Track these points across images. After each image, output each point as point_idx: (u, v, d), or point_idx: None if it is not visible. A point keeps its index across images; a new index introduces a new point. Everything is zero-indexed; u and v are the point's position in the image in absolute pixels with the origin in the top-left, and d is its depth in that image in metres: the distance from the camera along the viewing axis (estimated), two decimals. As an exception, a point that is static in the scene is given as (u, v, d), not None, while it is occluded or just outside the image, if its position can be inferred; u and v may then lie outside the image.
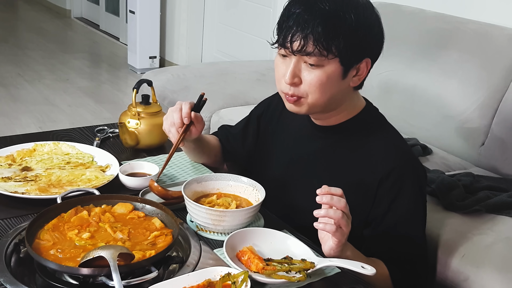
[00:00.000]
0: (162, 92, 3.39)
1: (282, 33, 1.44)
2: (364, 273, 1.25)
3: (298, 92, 1.47)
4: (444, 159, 2.57)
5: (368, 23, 1.46)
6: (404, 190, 1.51)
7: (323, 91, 1.46)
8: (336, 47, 1.40)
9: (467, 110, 2.57)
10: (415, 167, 1.56)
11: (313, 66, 1.43)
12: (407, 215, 1.52)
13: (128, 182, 1.67)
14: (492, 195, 2.11)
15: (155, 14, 5.92)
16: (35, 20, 8.49)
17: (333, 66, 1.43)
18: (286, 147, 1.72)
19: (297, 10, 1.42)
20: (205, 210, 1.43)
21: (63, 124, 4.49)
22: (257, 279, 1.25)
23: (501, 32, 2.64)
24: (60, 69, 6.08)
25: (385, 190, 1.51)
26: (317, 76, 1.44)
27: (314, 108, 1.51)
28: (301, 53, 1.42)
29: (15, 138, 1.96)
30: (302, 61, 1.44)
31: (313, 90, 1.45)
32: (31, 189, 1.60)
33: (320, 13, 1.39)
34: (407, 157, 1.57)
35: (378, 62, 1.58)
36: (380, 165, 1.52)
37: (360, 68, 1.50)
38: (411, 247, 1.53)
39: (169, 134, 1.69)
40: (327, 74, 1.44)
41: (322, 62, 1.42)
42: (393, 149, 1.55)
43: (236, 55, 5.11)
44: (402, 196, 1.51)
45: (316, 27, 1.38)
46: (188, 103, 1.66)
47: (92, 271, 1.18)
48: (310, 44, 1.40)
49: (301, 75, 1.46)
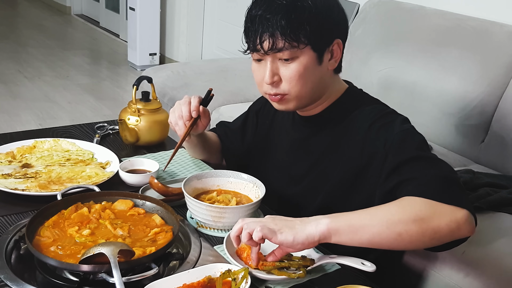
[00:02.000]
0: (162, 89, 3.39)
1: (251, 38, 1.46)
2: (364, 269, 1.25)
3: (280, 91, 1.49)
4: (444, 156, 2.57)
5: (327, 5, 1.48)
6: (389, 128, 1.44)
7: (303, 82, 1.47)
8: (304, 35, 1.42)
9: (467, 107, 2.57)
10: (391, 111, 1.52)
11: (288, 60, 1.45)
12: (405, 143, 1.40)
13: (128, 179, 1.67)
14: (492, 192, 2.11)
15: (155, 11, 5.93)
16: (35, 17, 8.50)
17: (307, 55, 1.45)
18: (282, 140, 1.73)
19: (258, 12, 1.44)
20: (205, 207, 1.43)
21: (63, 121, 4.50)
22: (257, 276, 1.25)
23: (501, 29, 2.64)
24: (60, 66, 6.08)
25: (373, 139, 1.45)
26: (295, 69, 1.45)
27: (301, 101, 1.52)
28: (273, 51, 1.43)
29: (15, 135, 1.96)
30: (276, 59, 1.46)
31: (294, 83, 1.47)
32: (31, 186, 1.60)
33: (280, 9, 1.42)
34: (383, 107, 1.54)
35: (377, 59, 1.59)
36: (361, 125, 1.49)
37: (334, 50, 1.51)
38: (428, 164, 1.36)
39: (175, 127, 1.69)
40: (303, 64, 1.45)
41: (296, 54, 1.44)
42: (369, 111, 1.52)
43: (236, 52, 5.09)
44: (392, 133, 1.43)
45: (280, 22, 1.41)
46: (197, 97, 1.67)
47: (92, 268, 1.18)
48: (279, 40, 1.42)
49: (279, 73, 1.47)
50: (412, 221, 1.21)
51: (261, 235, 1.21)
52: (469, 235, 1.26)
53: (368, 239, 1.23)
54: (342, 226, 1.23)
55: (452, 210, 1.23)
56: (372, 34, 3.13)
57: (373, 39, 3.09)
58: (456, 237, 1.25)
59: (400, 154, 1.38)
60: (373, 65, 2.94)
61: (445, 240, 1.25)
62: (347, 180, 1.50)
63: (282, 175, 1.69)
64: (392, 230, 1.21)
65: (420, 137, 1.44)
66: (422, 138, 1.44)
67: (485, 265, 1.77)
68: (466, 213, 1.23)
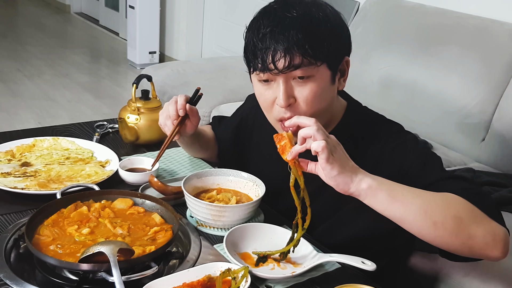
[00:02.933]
0: (161, 88, 3.39)
1: (259, 58, 1.33)
2: (365, 268, 1.25)
3: (295, 113, 1.35)
4: (445, 155, 2.57)
5: (338, 20, 1.39)
6: (403, 151, 1.39)
7: (318, 102, 1.36)
8: (322, 51, 1.31)
9: (467, 106, 2.57)
10: (401, 133, 1.46)
11: (304, 78, 1.33)
12: (423, 167, 1.36)
13: (128, 178, 1.66)
14: (493, 191, 2.11)
15: (155, 9, 5.92)
16: (35, 15, 8.49)
17: (323, 73, 1.35)
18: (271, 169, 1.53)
19: (267, 29, 1.32)
20: (205, 206, 1.43)
21: (62, 119, 4.50)
22: (257, 275, 1.25)
23: (501, 28, 2.64)
24: (60, 64, 6.08)
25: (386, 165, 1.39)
26: (311, 89, 1.34)
27: None
28: (289, 69, 1.31)
29: (14, 134, 1.95)
30: (290, 78, 1.34)
31: (311, 105, 1.35)
32: (31, 184, 1.59)
33: (294, 22, 1.31)
34: (391, 128, 1.46)
35: (378, 58, 1.58)
36: (373, 155, 1.42)
37: (343, 69, 1.43)
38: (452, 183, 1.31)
39: (164, 128, 1.66)
40: (319, 83, 1.34)
41: (312, 72, 1.33)
42: (377, 132, 1.45)
43: (236, 50, 5.10)
44: (406, 160, 1.38)
45: (296, 36, 1.29)
46: (184, 96, 1.63)
47: (92, 267, 1.18)
48: (296, 56, 1.30)
49: (294, 93, 1.35)
50: (451, 216, 1.19)
51: (320, 150, 1.15)
52: (501, 256, 1.21)
53: (401, 215, 1.20)
54: (382, 193, 1.20)
55: (493, 224, 1.20)
56: (373, 33, 3.12)
57: (373, 38, 3.09)
58: (488, 252, 1.20)
59: (427, 177, 1.32)
60: (373, 64, 2.93)
61: (476, 250, 1.20)
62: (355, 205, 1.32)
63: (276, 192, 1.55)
64: (429, 216, 1.19)
65: (439, 159, 1.40)
66: (440, 161, 1.39)
67: (485, 264, 1.77)
68: (505, 232, 1.21)
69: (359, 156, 1.32)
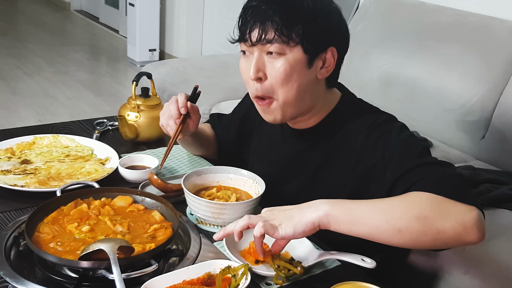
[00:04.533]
0: (161, 85, 3.39)
1: (241, 28, 1.44)
2: (364, 266, 1.25)
3: (265, 90, 1.43)
4: (445, 152, 2.57)
5: (327, 11, 1.43)
6: (387, 139, 1.40)
7: (290, 83, 1.40)
8: (297, 34, 1.37)
9: (467, 103, 2.57)
10: (387, 117, 1.47)
11: (275, 54, 1.39)
12: (405, 153, 1.36)
13: (128, 175, 1.66)
14: (493, 188, 2.11)
15: (155, 7, 5.92)
16: (35, 13, 8.49)
17: (295, 53, 1.39)
18: (270, 157, 1.69)
19: (254, 3, 1.41)
20: (205, 203, 1.43)
21: (62, 117, 4.49)
22: (257, 272, 1.25)
23: (501, 25, 2.64)
24: (60, 62, 6.08)
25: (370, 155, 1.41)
26: (281, 65, 1.39)
27: (287, 109, 1.45)
28: (261, 42, 1.39)
29: (14, 131, 1.95)
30: (263, 53, 1.41)
31: (280, 83, 1.40)
32: (31, 182, 1.60)
33: (277, 1, 1.39)
34: (378, 118, 1.47)
35: (378, 55, 1.57)
36: (357, 139, 1.45)
37: (326, 59, 1.44)
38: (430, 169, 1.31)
39: (167, 127, 1.68)
40: (290, 62, 1.39)
41: (284, 50, 1.38)
42: (363, 121, 1.47)
43: (236, 48, 5.09)
44: (389, 144, 1.39)
45: (274, 15, 1.37)
46: (184, 94, 1.66)
47: (92, 264, 1.18)
48: (270, 32, 1.37)
49: (265, 69, 1.41)
50: (414, 218, 1.18)
51: (263, 231, 1.19)
52: (478, 240, 1.19)
53: (366, 231, 1.20)
54: (342, 215, 1.20)
55: (462, 210, 1.19)
56: (372, 30, 3.12)
57: (373, 35, 3.08)
58: (462, 242, 1.19)
59: (402, 166, 1.33)
60: (373, 61, 2.93)
61: (450, 243, 1.20)
62: (344, 196, 1.35)
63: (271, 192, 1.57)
64: (392, 225, 1.18)
65: (421, 145, 1.39)
66: (423, 146, 1.39)
67: (485, 261, 1.77)
68: (476, 215, 1.18)
69: (347, 145, 1.44)
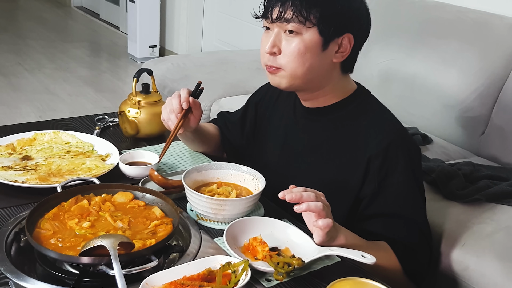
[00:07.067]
0: (162, 81, 3.39)
1: (265, 5, 1.52)
2: (364, 262, 1.25)
3: (276, 63, 1.51)
4: (444, 148, 2.58)
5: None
6: (394, 169, 1.49)
7: (301, 61, 1.48)
8: (314, 16, 1.44)
9: (467, 99, 2.57)
10: (406, 145, 1.54)
11: (292, 33, 1.46)
12: (400, 196, 1.50)
13: (128, 171, 1.67)
14: (492, 184, 2.11)
15: (155, 3, 5.91)
16: (35, 9, 8.48)
17: (311, 35, 1.46)
18: (279, 133, 1.73)
19: None
20: (205, 199, 1.43)
21: (63, 113, 4.49)
22: (257, 268, 1.26)
23: (501, 21, 2.63)
24: (60, 58, 6.07)
25: (376, 168, 1.50)
26: (296, 44, 1.47)
27: (294, 81, 1.52)
28: (280, 20, 1.46)
29: (15, 127, 1.96)
30: (282, 31, 1.49)
31: (291, 59, 1.48)
32: (31, 178, 1.60)
33: None
34: (398, 133, 1.54)
35: (377, 51, 1.58)
36: (370, 142, 1.51)
37: (343, 44, 1.51)
38: (408, 231, 1.50)
39: (168, 122, 1.68)
40: (305, 42, 1.47)
41: (301, 30, 1.46)
42: (383, 126, 1.54)
43: (236, 44, 5.09)
44: (393, 175, 1.49)
45: None
46: (186, 89, 1.67)
47: (92, 260, 1.18)
48: (289, 11, 1.44)
49: (281, 45, 1.49)
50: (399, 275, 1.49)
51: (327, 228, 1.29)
52: None
53: None
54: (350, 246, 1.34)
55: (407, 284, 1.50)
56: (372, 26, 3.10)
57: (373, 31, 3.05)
58: None
59: (390, 206, 1.50)
60: (373, 57, 2.93)
61: None
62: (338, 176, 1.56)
63: (277, 165, 1.69)
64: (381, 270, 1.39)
65: (417, 192, 1.53)
66: (419, 194, 1.54)
67: (486, 259, 1.77)
68: None
69: (354, 140, 1.54)
